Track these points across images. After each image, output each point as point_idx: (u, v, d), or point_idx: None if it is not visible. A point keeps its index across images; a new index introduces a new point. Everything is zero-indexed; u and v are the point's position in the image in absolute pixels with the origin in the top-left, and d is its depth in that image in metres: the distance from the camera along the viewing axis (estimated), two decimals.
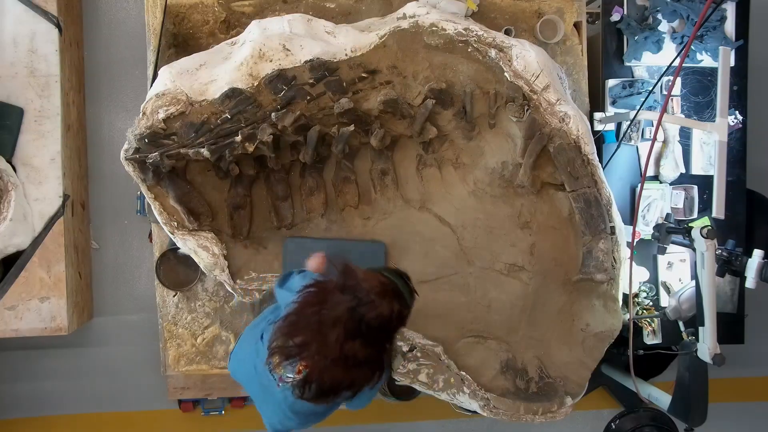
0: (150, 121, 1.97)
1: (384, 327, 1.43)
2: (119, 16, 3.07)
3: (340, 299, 1.41)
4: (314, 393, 1.43)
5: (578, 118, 2.03)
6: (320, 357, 1.40)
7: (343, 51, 2.01)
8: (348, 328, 1.39)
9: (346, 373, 1.41)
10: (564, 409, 2.12)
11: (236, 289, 2.23)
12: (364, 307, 1.40)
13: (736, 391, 3.42)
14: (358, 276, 1.45)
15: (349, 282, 1.44)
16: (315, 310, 1.43)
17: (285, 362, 1.49)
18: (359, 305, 1.40)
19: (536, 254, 2.32)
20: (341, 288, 1.44)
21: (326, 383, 1.42)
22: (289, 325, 1.45)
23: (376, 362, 1.45)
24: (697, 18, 2.41)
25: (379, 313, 1.40)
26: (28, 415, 3.11)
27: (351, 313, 1.40)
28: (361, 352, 1.40)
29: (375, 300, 1.41)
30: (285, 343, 1.44)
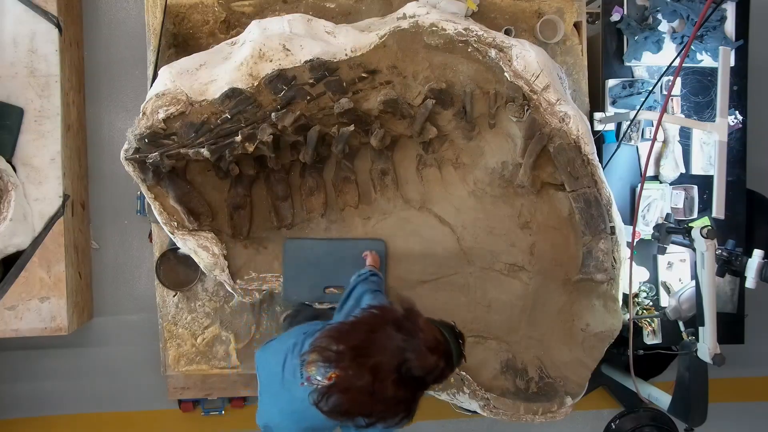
0: (150, 121, 1.97)
1: (422, 379, 1.43)
2: (119, 16, 3.07)
3: (392, 335, 1.41)
4: (331, 406, 1.41)
5: (578, 118, 2.03)
6: (353, 376, 1.39)
7: (343, 51, 2.01)
8: (388, 364, 1.38)
9: (369, 402, 1.40)
10: (564, 409, 2.12)
11: (236, 289, 2.23)
12: (412, 354, 1.39)
13: (736, 391, 3.42)
14: (419, 323, 1.44)
15: (409, 324, 1.43)
16: (367, 331, 1.43)
17: (320, 363, 1.48)
18: (408, 350, 1.39)
19: (536, 254, 2.32)
20: (398, 325, 1.43)
21: (346, 402, 1.40)
22: (339, 332, 1.46)
23: (401, 405, 1.44)
24: (697, 18, 2.41)
25: (423, 365, 1.40)
26: (28, 415, 3.11)
27: (398, 352, 1.39)
28: (390, 390, 1.38)
29: (425, 352, 1.40)
30: (328, 346, 1.44)
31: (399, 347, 1.39)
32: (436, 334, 1.45)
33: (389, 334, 1.41)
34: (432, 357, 1.40)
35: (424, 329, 1.43)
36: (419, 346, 1.39)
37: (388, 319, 1.45)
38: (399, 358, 1.39)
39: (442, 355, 1.43)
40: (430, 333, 1.43)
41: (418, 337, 1.40)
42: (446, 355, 1.44)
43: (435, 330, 1.46)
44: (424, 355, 1.39)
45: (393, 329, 1.42)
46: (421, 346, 1.39)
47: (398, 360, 1.39)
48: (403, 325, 1.43)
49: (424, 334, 1.42)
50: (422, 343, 1.40)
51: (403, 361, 1.39)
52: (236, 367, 2.49)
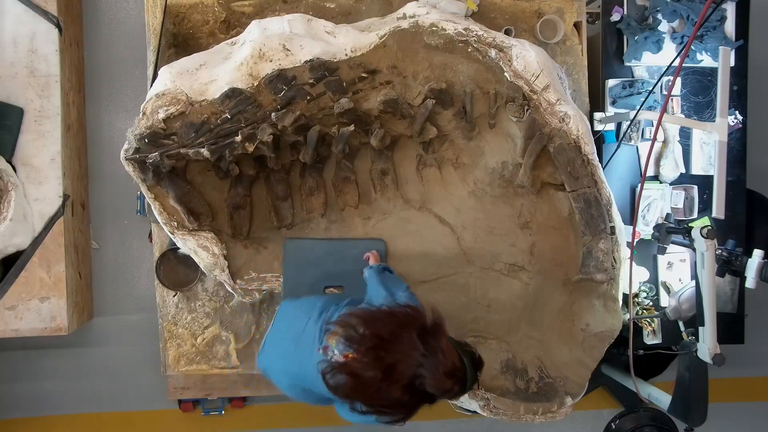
0: (150, 121, 1.97)
1: (431, 395, 1.45)
2: (119, 16, 3.07)
3: (415, 345, 1.42)
4: (336, 383, 1.44)
5: (578, 118, 2.03)
6: (366, 364, 1.41)
7: (343, 51, 2.01)
8: (404, 369, 1.40)
9: (373, 395, 1.42)
10: (564, 409, 2.12)
11: (236, 289, 2.23)
12: (429, 373, 1.40)
13: (736, 391, 3.42)
14: (442, 343, 1.44)
15: (432, 341, 1.44)
16: (396, 327, 1.44)
17: (342, 339, 1.48)
18: (426, 367, 1.41)
19: (536, 254, 2.32)
20: (424, 337, 1.44)
21: (351, 386, 1.42)
22: (371, 317, 1.47)
23: (403, 409, 1.46)
24: (697, 18, 2.41)
25: (435, 385, 1.41)
26: (28, 415, 3.11)
27: (416, 364, 1.41)
28: (396, 393, 1.40)
29: (441, 375, 1.41)
30: (355, 325, 1.45)
31: (418, 360, 1.40)
32: (455, 359, 1.45)
33: (413, 341, 1.42)
34: (447, 381, 1.41)
35: (445, 351, 1.43)
36: (437, 368, 1.40)
37: (417, 325, 1.46)
38: (415, 371, 1.40)
39: (457, 381, 1.44)
40: (451, 358, 1.44)
41: (437, 358, 1.41)
42: (460, 382, 1.45)
43: (455, 355, 1.46)
44: (441, 379, 1.41)
45: (418, 338, 1.43)
46: (439, 369, 1.40)
47: (414, 372, 1.40)
48: (428, 338, 1.43)
49: (445, 357, 1.42)
50: (441, 367, 1.41)
51: (417, 374, 1.40)
52: (236, 367, 2.49)
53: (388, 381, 1.39)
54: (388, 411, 1.45)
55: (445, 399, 1.48)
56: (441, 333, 1.47)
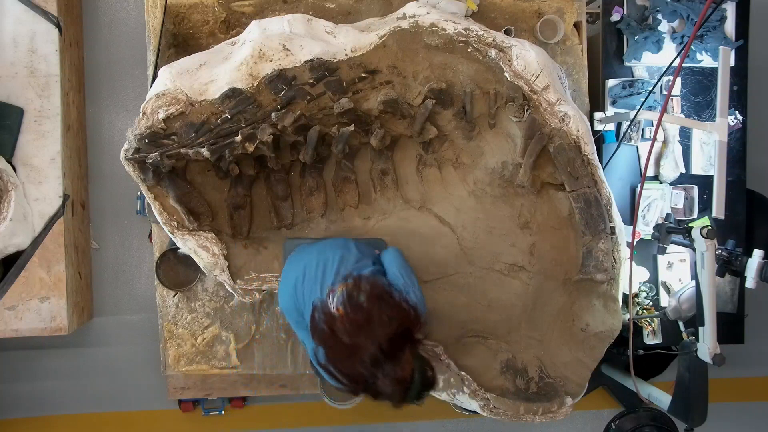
0: (150, 121, 1.97)
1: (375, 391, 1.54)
2: (119, 16, 3.07)
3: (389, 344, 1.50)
4: (315, 325, 1.57)
5: (578, 118, 2.03)
6: (345, 329, 1.52)
7: (343, 51, 2.01)
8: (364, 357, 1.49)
9: (335, 355, 1.54)
10: (564, 409, 2.12)
11: (236, 289, 2.23)
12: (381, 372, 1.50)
13: (736, 391, 3.42)
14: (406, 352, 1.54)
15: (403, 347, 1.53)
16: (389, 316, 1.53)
17: (345, 295, 1.59)
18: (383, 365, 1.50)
19: (536, 254, 2.32)
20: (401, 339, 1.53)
21: (323, 336, 1.55)
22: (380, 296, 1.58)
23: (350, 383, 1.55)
24: (697, 18, 2.41)
25: (380, 384, 1.51)
26: (29, 415, 3.11)
27: (376, 359, 1.49)
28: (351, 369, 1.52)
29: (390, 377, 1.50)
30: (363, 293, 1.57)
31: (380, 358, 1.49)
32: (408, 373, 1.53)
33: (392, 339, 1.51)
34: (390, 387, 1.51)
35: (404, 362, 1.52)
36: (390, 372, 1.50)
37: (407, 328, 1.55)
38: (373, 367, 1.49)
39: (401, 391, 1.53)
40: (406, 369, 1.52)
41: (395, 364, 1.50)
42: (404, 393, 1.54)
43: (410, 369, 1.54)
44: (388, 382, 1.50)
45: (397, 338, 1.51)
46: (391, 373, 1.50)
47: (371, 365, 1.49)
48: (402, 344, 1.53)
49: (402, 368, 1.51)
50: (392, 372, 1.50)
51: (374, 373, 1.50)
52: (236, 367, 2.49)
53: (351, 356, 1.50)
54: (338, 377, 1.55)
55: (385, 401, 1.56)
56: (415, 343, 1.57)
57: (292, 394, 2.92)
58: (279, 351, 2.49)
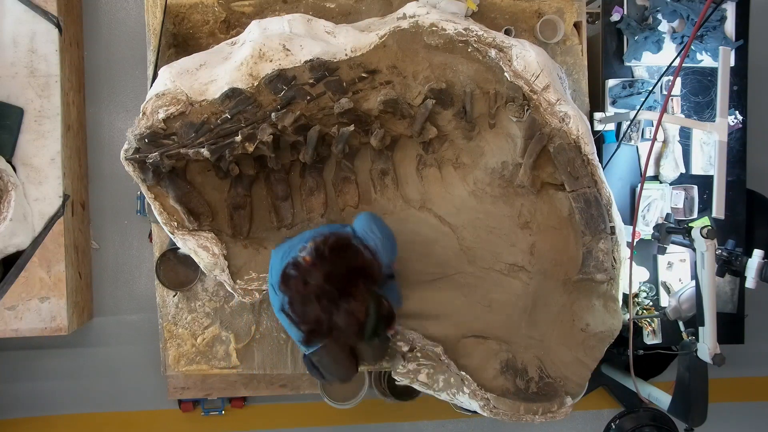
0: (150, 121, 1.97)
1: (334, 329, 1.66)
2: (119, 16, 3.08)
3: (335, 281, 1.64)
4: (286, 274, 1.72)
5: (578, 118, 2.03)
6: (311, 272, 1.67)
7: (343, 51, 2.01)
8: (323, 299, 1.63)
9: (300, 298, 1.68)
10: (564, 409, 2.12)
11: (236, 289, 2.23)
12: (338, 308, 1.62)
13: (736, 391, 3.42)
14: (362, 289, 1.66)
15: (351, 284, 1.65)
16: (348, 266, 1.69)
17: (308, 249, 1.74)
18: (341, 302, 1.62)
19: (536, 254, 2.32)
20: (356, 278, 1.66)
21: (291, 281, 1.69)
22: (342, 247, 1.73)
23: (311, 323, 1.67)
24: (697, 18, 2.41)
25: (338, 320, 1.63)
26: (28, 415, 3.11)
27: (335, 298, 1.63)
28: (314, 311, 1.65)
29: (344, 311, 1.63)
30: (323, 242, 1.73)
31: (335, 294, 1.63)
32: (363, 309, 1.66)
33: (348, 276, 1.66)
34: (345, 319, 1.63)
35: (359, 298, 1.65)
36: (345, 306, 1.63)
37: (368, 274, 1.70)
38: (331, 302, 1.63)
39: (356, 324, 1.65)
40: (361, 305, 1.66)
41: (350, 300, 1.64)
42: (360, 326, 1.67)
43: (364, 306, 1.67)
44: (344, 316, 1.63)
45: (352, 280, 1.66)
46: (345, 308, 1.63)
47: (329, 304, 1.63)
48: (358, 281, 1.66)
49: (357, 301, 1.64)
50: (347, 306, 1.63)
51: (332, 307, 1.63)
52: (236, 367, 2.49)
53: (309, 296, 1.64)
54: (298, 320, 1.68)
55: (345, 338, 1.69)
56: (371, 283, 1.70)
57: (292, 394, 2.93)
58: (279, 351, 2.49)
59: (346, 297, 1.64)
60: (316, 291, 1.63)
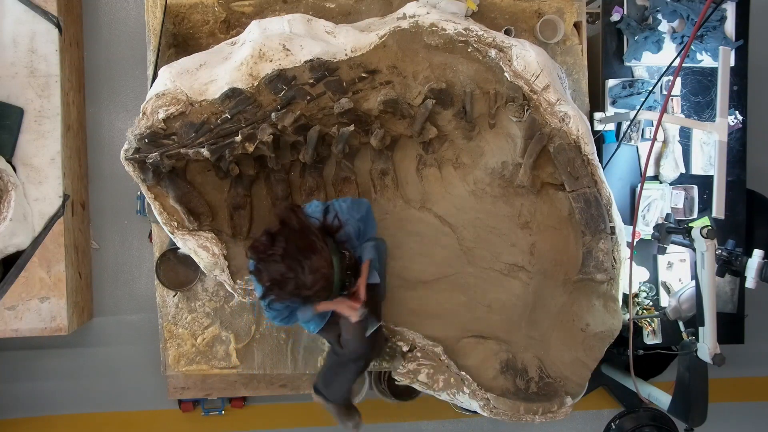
0: (150, 121, 1.97)
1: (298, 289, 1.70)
2: (119, 16, 3.07)
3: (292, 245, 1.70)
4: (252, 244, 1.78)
5: (578, 118, 2.03)
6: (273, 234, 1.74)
7: (343, 51, 2.01)
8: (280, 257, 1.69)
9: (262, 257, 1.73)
10: (564, 409, 2.12)
11: (236, 289, 2.23)
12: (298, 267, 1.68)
13: (736, 391, 3.42)
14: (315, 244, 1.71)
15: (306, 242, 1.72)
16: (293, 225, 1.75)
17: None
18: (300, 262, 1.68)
19: (536, 254, 2.32)
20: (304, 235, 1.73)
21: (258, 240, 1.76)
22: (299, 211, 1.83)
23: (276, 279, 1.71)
24: (697, 18, 2.41)
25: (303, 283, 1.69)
26: (28, 415, 3.11)
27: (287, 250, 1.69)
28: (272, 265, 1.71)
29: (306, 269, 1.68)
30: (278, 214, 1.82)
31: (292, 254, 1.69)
32: (325, 260, 1.71)
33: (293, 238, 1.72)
34: (310, 276, 1.68)
35: (316, 250, 1.70)
36: (308, 265, 1.68)
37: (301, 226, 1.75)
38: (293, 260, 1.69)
39: (322, 279, 1.70)
40: (321, 260, 1.70)
41: (305, 254, 1.69)
42: (326, 280, 1.71)
43: (326, 258, 1.71)
44: (305, 276, 1.68)
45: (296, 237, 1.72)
46: (304, 265, 1.68)
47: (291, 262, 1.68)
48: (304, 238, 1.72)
49: (313, 253, 1.69)
50: (308, 263, 1.68)
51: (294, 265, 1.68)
52: (236, 367, 2.49)
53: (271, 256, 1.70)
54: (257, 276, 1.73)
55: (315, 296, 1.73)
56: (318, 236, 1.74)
57: (292, 394, 2.92)
58: (279, 351, 2.49)
59: (306, 254, 1.69)
60: (279, 252, 1.69)
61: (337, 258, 1.73)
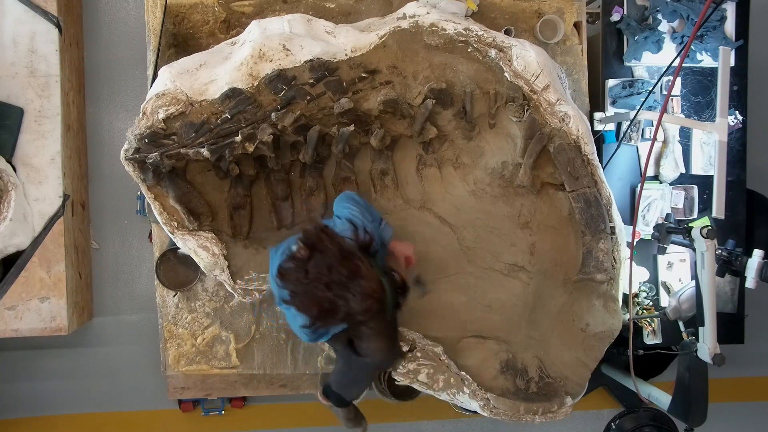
0: (150, 121, 1.97)
1: (349, 315, 1.61)
2: (119, 16, 3.07)
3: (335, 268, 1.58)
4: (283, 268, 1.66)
5: (578, 118, 2.03)
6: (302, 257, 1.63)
7: (343, 51, 2.01)
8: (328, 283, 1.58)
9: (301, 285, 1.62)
10: (564, 409, 2.12)
11: (236, 289, 2.23)
12: (350, 293, 1.57)
13: (736, 391, 3.42)
14: (361, 267, 1.60)
15: (350, 265, 1.60)
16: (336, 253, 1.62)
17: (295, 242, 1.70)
18: (350, 288, 1.57)
19: (536, 254, 2.32)
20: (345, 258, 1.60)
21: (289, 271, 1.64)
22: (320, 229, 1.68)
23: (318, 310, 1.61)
24: (697, 18, 2.41)
25: (352, 308, 1.58)
26: (28, 415, 3.10)
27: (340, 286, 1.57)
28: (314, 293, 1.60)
29: (359, 294, 1.57)
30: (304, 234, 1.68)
31: (338, 280, 1.58)
32: (373, 281, 1.61)
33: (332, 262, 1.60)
34: (365, 302, 1.58)
35: (364, 274, 1.60)
36: (356, 290, 1.58)
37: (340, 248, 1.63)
38: (337, 291, 1.58)
39: (377, 302, 1.61)
40: (371, 281, 1.60)
41: (356, 280, 1.58)
42: (380, 302, 1.62)
43: (374, 277, 1.61)
44: (358, 300, 1.58)
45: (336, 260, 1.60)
46: (356, 290, 1.58)
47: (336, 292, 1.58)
48: (346, 261, 1.61)
49: (363, 278, 1.59)
50: (359, 287, 1.58)
51: (339, 296, 1.57)
52: (236, 367, 2.49)
53: (312, 283, 1.59)
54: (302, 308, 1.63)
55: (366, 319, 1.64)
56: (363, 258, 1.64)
57: (292, 394, 2.92)
58: (279, 351, 2.49)
59: (355, 280, 1.59)
60: (322, 279, 1.60)
61: (386, 279, 1.65)
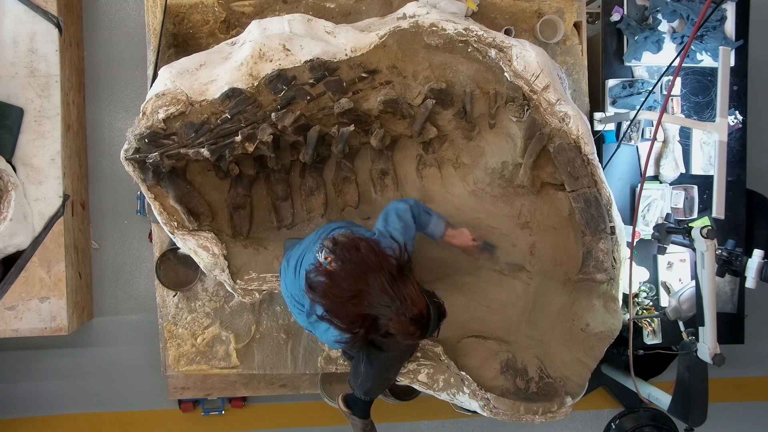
0: (150, 121, 1.97)
1: (389, 333, 1.59)
2: (119, 16, 3.07)
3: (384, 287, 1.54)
4: (313, 280, 1.63)
5: (578, 118, 2.03)
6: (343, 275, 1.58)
7: (343, 51, 2.01)
8: (371, 302, 1.54)
9: (336, 302, 1.58)
10: (564, 409, 2.12)
11: (236, 289, 2.23)
12: (394, 315, 1.55)
13: (736, 391, 3.42)
14: (412, 290, 1.57)
15: (403, 286, 1.56)
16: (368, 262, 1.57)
17: (325, 249, 1.69)
18: (393, 308, 1.54)
19: (536, 254, 2.32)
20: (395, 280, 1.56)
21: (323, 287, 1.59)
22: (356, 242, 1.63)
23: (357, 331, 1.59)
24: (697, 18, 2.41)
25: (399, 328, 1.56)
26: (28, 415, 3.11)
27: (382, 303, 1.54)
28: (355, 314, 1.57)
29: (407, 318, 1.55)
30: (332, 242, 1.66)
31: (386, 302, 1.54)
32: (423, 307, 1.59)
33: (383, 283, 1.55)
34: (411, 327, 1.57)
35: (414, 299, 1.57)
36: (405, 313, 1.55)
37: (387, 266, 1.58)
38: (381, 310, 1.55)
39: (421, 327, 1.59)
40: (419, 305, 1.57)
41: (406, 304, 1.55)
42: (424, 328, 1.60)
43: (423, 303, 1.59)
44: (406, 323, 1.56)
45: (390, 280, 1.56)
46: (406, 314, 1.55)
47: (379, 310, 1.55)
48: (398, 282, 1.57)
49: (413, 304, 1.56)
50: (408, 312, 1.55)
51: (383, 314, 1.55)
52: (236, 367, 2.49)
53: (353, 301, 1.55)
54: (343, 325, 1.59)
55: (405, 340, 1.62)
56: (411, 280, 1.61)
57: (292, 394, 2.93)
58: (279, 351, 2.49)
59: (404, 303, 1.55)
60: (374, 300, 1.55)
61: (433, 307, 1.62)
